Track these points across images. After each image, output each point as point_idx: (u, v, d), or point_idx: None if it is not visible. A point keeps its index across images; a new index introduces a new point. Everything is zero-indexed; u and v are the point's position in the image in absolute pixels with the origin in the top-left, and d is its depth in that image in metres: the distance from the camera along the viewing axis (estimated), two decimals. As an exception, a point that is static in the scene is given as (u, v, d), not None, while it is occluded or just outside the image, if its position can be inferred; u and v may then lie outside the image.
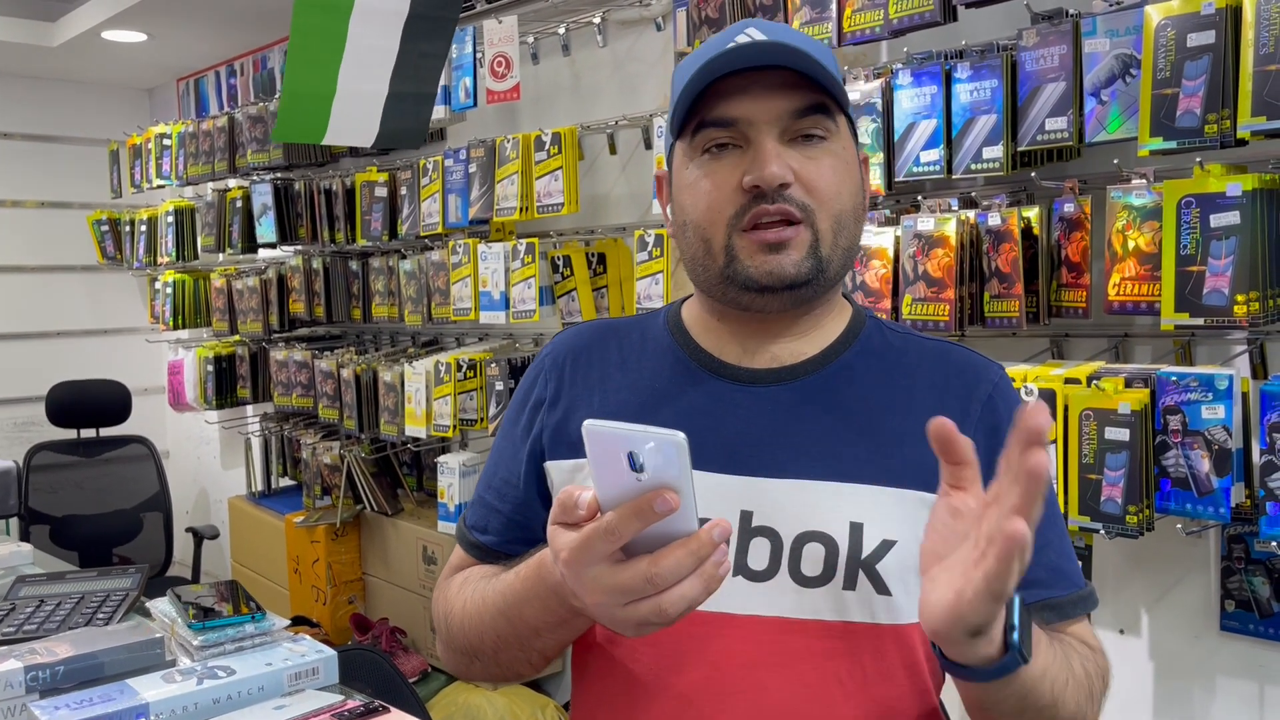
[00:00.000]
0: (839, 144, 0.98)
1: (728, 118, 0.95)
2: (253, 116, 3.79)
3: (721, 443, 0.98)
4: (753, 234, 0.95)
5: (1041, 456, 0.66)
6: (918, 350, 1.05)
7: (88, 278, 5.11)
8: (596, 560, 0.75)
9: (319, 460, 3.67)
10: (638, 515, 0.72)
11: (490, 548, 1.10)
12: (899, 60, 2.03)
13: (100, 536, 4.17)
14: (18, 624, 1.40)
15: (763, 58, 0.93)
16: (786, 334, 1.02)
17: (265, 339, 4.02)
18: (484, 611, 0.99)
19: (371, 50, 2.15)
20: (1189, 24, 1.58)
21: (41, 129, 4.98)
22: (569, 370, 1.09)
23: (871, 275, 2.01)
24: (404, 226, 3.23)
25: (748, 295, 0.97)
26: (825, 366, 1.01)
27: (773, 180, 0.92)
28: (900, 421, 0.98)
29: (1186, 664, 1.88)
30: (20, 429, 4.81)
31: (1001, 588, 0.69)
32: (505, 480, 1.10)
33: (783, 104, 0.94)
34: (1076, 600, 0.99)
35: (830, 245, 0.96)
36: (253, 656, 1.21)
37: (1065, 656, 0.90)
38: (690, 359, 1.04)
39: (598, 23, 2.80)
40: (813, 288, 0.97)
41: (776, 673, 0.93)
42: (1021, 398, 1.05)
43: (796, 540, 0.95)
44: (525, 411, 1.10)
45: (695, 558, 0.73)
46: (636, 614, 0.75)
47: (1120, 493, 1.66)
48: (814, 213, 0.95)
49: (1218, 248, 1.58)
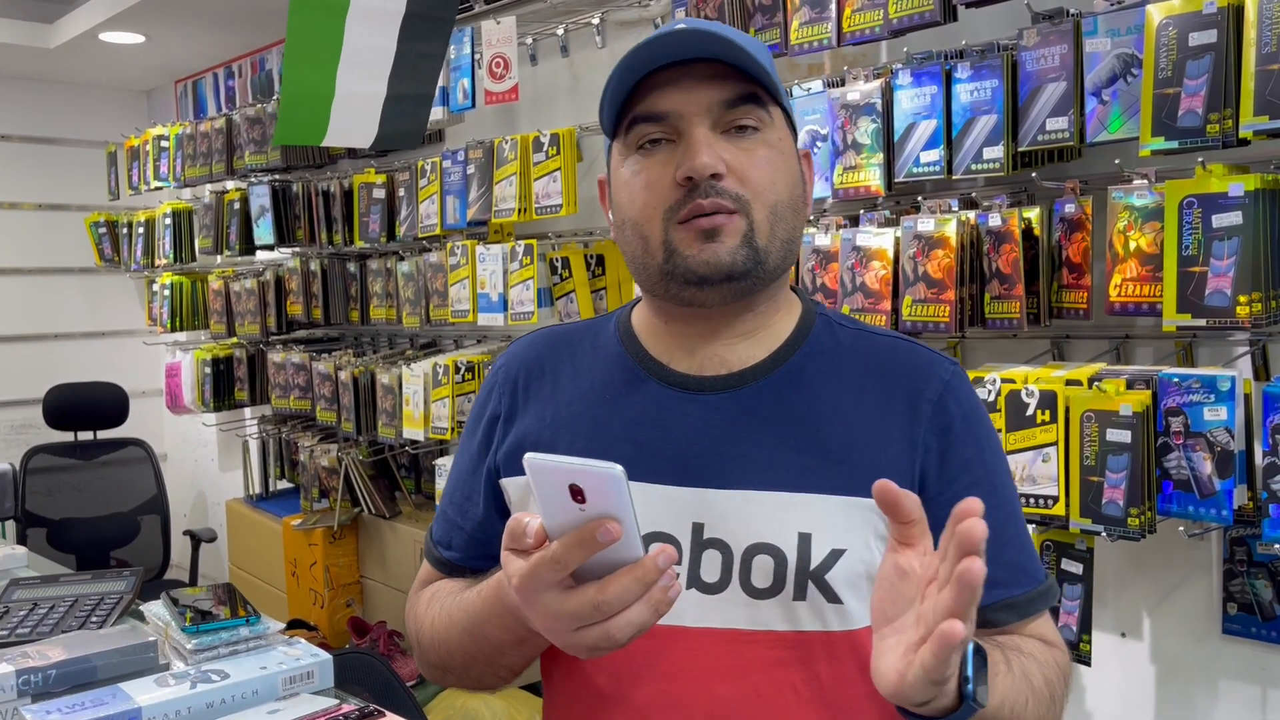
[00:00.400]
0: (774, 134, 0.97)
1: (658, 112, 0.94)
2: (251, 118, 3.78)
3: (672, 453, 0.98)
4: (688, 224, 0.94)
5: (976, 565, 0.68)
6: (868, 348, 1.04)
7: (85, 280, 5.10)
8: (546, 587, 0.77)
9: (317, 463, 3.66)
10: (581, 545, 0.74)
11: (454, 563, 1.11)
12: (899, 60, 2.03)
13: (98, 539, 4.15)
14: (10, 627, 1.39)
15: (688, 49, 0.93)
16: (733, 335, 1.01)
17: (263, 341, 4.01)
18: (451, 629, 1.01)
19: (369, 50, 2.14)
20: (1191, 23, 1.57)
21: (39, 131, 4.97)
22: (521, 383, 1.08)
23: (871, 276, 2.00)
24: (402, 228, 3.22)
25: (689, 289, 0.96)
26: (774, 372, 1.00)
27: (703, 170, 0.92)
28: (848, 427, 0.98)
29: (1188, 667, 1.87)
30: (17, 431, 4.80)
31: (940, 676, 0.71)
32: (465, 496, 1.10)
33: (712, 95, 0.94)
34: (1035, 597, 0.99)
35: (767, 236, 0.95)
36: (247, 660, 1.20)
37: (1025, 674, 0.90)
38: (640, 367, 1.03)
39: (596, 24, 2.79)
40: (751, 279, 0.96)
41: (731, 683, 0.94)
42: (976, 394, 1.04)
43: (746, 552, 0.94)
44: (481, 427, 1.10)
45: (641, 584, 0.75)
46: (586, 639, 0.77)
47: (1122, 495, 1.65)
48: (748, 203, 0.94)
49: (1220, 248, 1.57)
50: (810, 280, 2.11)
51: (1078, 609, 1.83)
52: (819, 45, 2.06)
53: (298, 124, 2.16)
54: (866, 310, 2.00)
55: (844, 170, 2.05)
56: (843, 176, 2.05)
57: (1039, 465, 1.75)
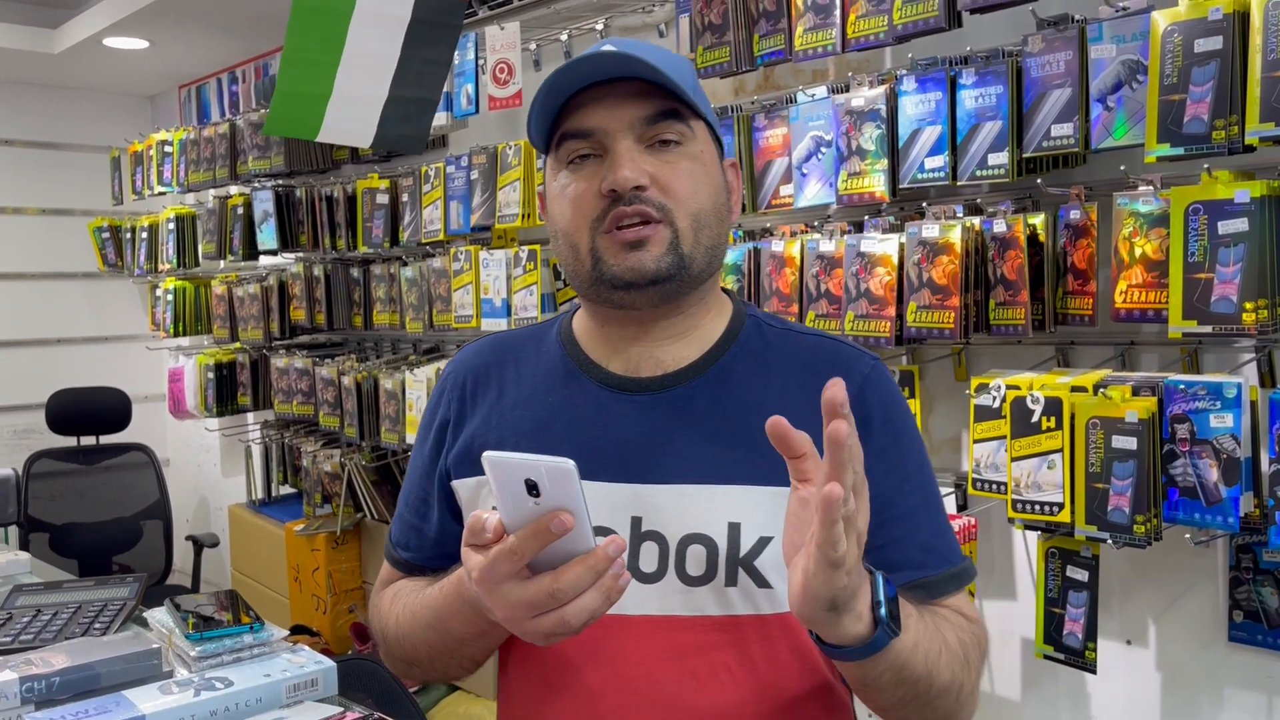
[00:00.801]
0: (695, 147, 1.03)
1: (584, 128, 1.01)
2: (254, 123, 3.79)
3: (610, 451, 1.03)
4: (614, 234, 1.00)
5: (839, 425, 0.73)
6: (793, 347, 1.09)
7: (89, 285, 5.10)
8: (504, 578, 0.82)
9: (319, 468, 3.65)
10: (536, 536, 0.80)
11: (413, 563, 1.18)
12: (903, 66, 2.02)
13: (100, 545, 4.15)
14: (14, 634, 1.39)
15: (610, 70, 0.99)
16: (664, 336, 1.07)
17: (266, 346, 4.01)
18: (415, 625, 1.08)
19: (372, 55, 2.14)
20: (1196, 30, 1.57)
21: (43, 136, 4.98)
22: (469, 389, 1.14)
23: (876, 282, 1.99)
24: (406, 233, 3.21)
25: (617, 294, 1.02)
26: (705, 371, 1.06)
27: (625, 183, 0.98)
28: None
29: (1194, 675, 1.87)
30: (20, 436, 4.80)
31: (835, 554, 0.75)
32: (421, 499, 1.17)
33: (634, 111, 1.00)
34: (949, 578, 1.04)
35: (691, 243, 1.01)
36: (251, 667, 1.19)
37: (937, 628, 0.95)
38: (580, 370, 1.10)
39: (600, 29, 2.79)
40: (676, 283, 1.02)
41: (669, 667, 1.00)
42: (896, 387, 1.10)
43: (681, 542, 1.00)
44: (432, 432, 1.16)
45: (593, 572, 0.81)
46: (543, 626, 0.83)
47: (1128, 502, 1.65)
48: (672, 212, 1.00)
49: (1226, 255, 1.57)
50: (815, 286, 2.11)
51: (1083, 616, 1.82)
52: (824, 51, 2.06)
53: (290, 118, 2.16)
54: (871, 316, 2.00)
55: (848, 176, 2.05)
56: (847, 182, 2.05)
57: (1044, 472, 1.75)
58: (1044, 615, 1.88)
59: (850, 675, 0.90)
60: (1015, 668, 2.12)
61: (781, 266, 2.18)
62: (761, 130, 2.24)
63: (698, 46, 2.29)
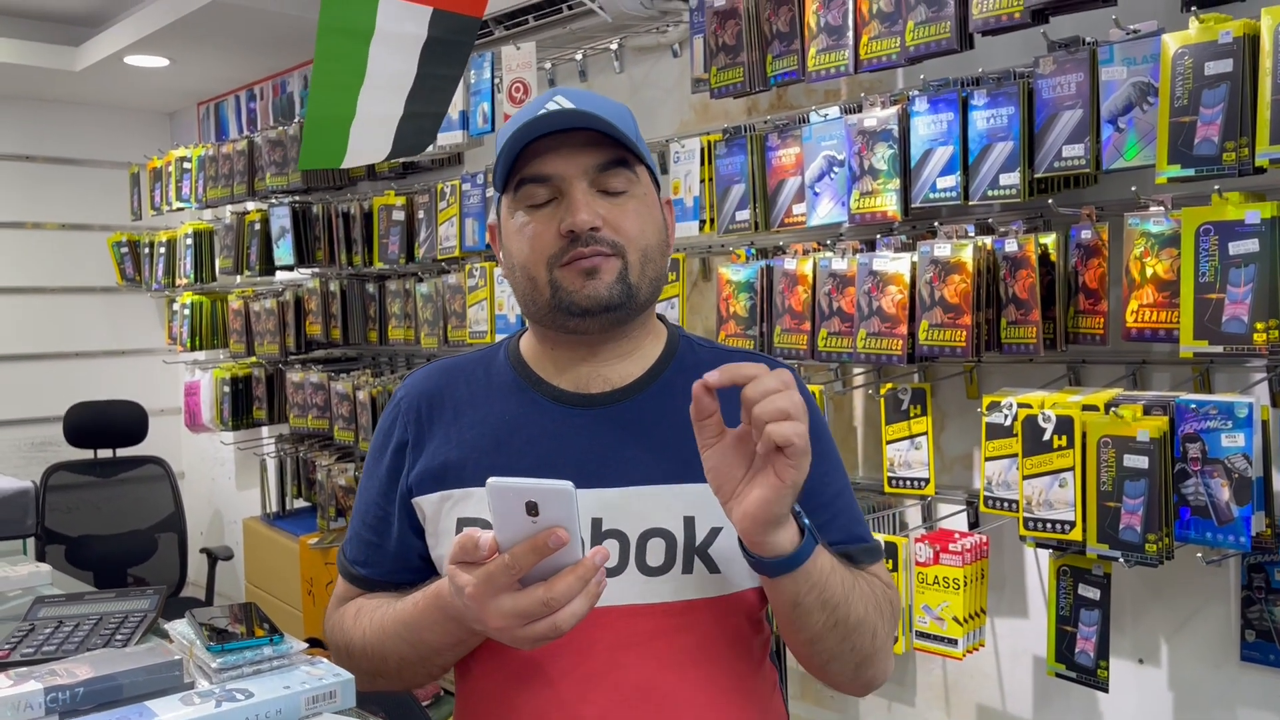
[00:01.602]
0: (640, 190, 1.15)
1: (543, 174, 1.12)
2: (272, 140, 3.83)
3: (570, 461, 1.13)
4: (571, 265, 1.11)
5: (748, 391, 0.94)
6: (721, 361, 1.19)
7: (107, 299, 5.15)
8: (498, 591, 0.92)
9: (334, 482, 3.68)
10: (534, 551, 0.89)
11: (371, 578, 1.25)
12: (915, 87, 2.04)
13: (115, 557, 4.18)
14: (37, 644, 1.41)
15: (567, 121, 1.10)
16: (610, 356, 1.18)
17: (282, 361, 4.04)
18: (384, 638, 1.16)
19: (390, 74, 2.17)
20: (1206, 52, 1.58)
21: (63, 152, 5.04)
22: (424, 413, 1.23)
23: (888, 300, 2.01)
24: (421, 250, 3.24)
25: (573, 319, 1.13)
26: (650, 386, 1.18)
27: (583, 225, 1.09)
28: None
29: (1206, 694, 1.87)
30: (38, 449, 4.84)
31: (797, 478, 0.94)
32: (379, 518, 1.24)
33: (588, 160, 1.11)
34: (866, 550, 1.19)
35: (639, 274, 1.13)
36: (271, 679, 1.20)
37: (849, 570, 1.10)
38: (533, 390, 1.20)
39: (614, 49, 2.82)
40: (626, 310, 1.13)
41: (633, 652, 1.09)
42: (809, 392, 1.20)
43: (641, 537, 1.11)
44: (388, 455, 1.24)
45: (582, 580, 0.91)
46: (534, 632, 0.92)
47: (1139, 521, 1.65)
48: (623, 248, 1.12)
49: (1236, 275, 1.58)
50: (827, 304, 2.12)
51: (1095, 635, 1.83)
52: (836, 72, 2.08)
53: (320, 148, 2.19)
54: (883, 334, 2.01)
55: (860, 195, 2.06)
56: (859, 202, 2.07)
57: (1056, 490, 1.75)
58: (1056, 633, 1.89)
59: (783, 597, 1.03)
60: (1027, 686, 2.12)
61: (794, 284, 2.19)
62: (774, 150, 2.26)
63: (711, 67, 2.31)
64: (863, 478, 2.38)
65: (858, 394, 2.38)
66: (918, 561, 1.99)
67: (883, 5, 2.00)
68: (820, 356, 2.15)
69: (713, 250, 2.62)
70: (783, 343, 2.22)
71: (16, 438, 4.87)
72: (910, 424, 2.13)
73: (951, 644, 1.95)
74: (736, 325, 2.31)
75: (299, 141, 3.62)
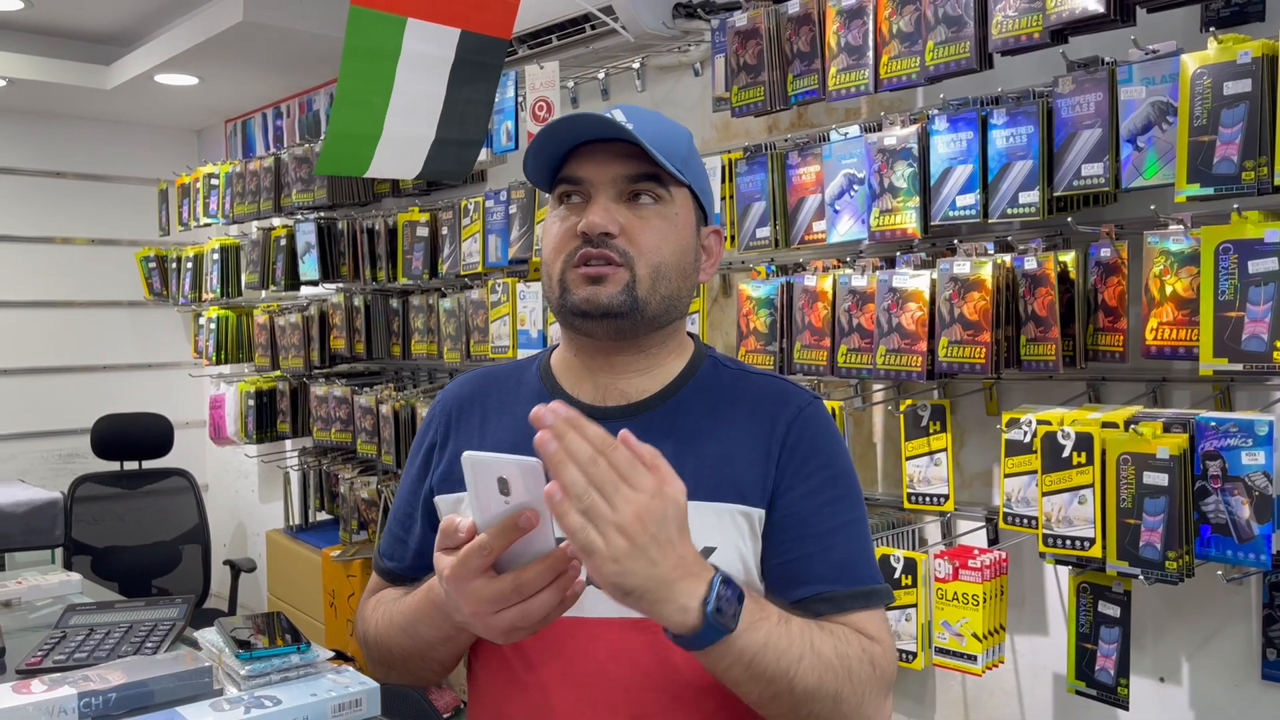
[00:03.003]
0: (671, 209, 1.17)
1: (575, 176, 1.16)
2: (298, 157, 3.88)
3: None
4: (580, 268, 1.14)
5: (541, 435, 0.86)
6: (744, 385, 1.24)
7: (134, 313, 5.22)
8: (473, 575, 0.93)
9: (356, 495, 3.71)
10: (505, 532, 0.91)
11: (397, 573, 1.29)
12: (935, 106, 2.06)
13: (140, 568, 4.23)
14: (68, 651, 1.44)
15: (600, 132, 1.13)
16: (629, 371, 1.21)
17: (306, 374, 4.08)
18: (391, 630, 1.20)
19: (419, 97, 2.20)
20: (1225, 72, 1.60)
21: (93, 168, 5.12)
22: (455, 416, 1.28)
23: (908, 317, 2.02)
24: (444, 265, 3.28)
25: (577, 320, 1.16)
26: (665, 403, 1.20)
27: (594, 228, 1.12)
28: (722, 446, 1.17)
29: (1227, 713, 1.86)
30: (65, 460, 4.90)
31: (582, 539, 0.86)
32: (408, 515, 1.29)
33: (620, 169, 1.15)
34: (857, 595, 1.13)
35: (648, 290, 1.15)
36: (298, 687, 1.23)
37: (807, 636, 1.03)
38: (552, 397, 1.23)
39: (637, 68, 2.86)
40: (630, 320, 1.15)
41: (622, 663, 1.11)
42: (831, 423, 1.22)
43: None
44: (420, 454, 1.30)
45: (552, 570, 0.92)
46: (504, 620, 0.94)
47: (1159, 538, 1.66)
48: (634, 259, 1.14)
49: (1256, 293, 1.59)
50: (847, 321, 2.14)
51: (1115, 652, 1.83)
52: (856, 91, 2.10)
53: (341, 158, 2.22)
54: (903, 351, 2.03)
55: (880, 213, 2.08)
56: (879, 219, 2.08)
57: (1075, 507, 1.76)
58: (1076, 650, 1.88)
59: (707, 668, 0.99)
60: (1047, 703, 2.12)
61: (814, 301, 2.21)
62: (795, 168, 2.28)
63: (733, 86, 2.34)
64: (882, 494, 2.39)
65: (877, 410, 2.39)
66: (937, 577, 1.99)
67: (903, 25, 2.02)
68: (840, 372, 2.16)
69: (733, 267, 2.64)
70: (802, 359, 2.23)
71: (45, 449, 4.94)
72: (930, 440, 2.14)
73: (971, 660, 1.95)
74: (756, 341, 2.33)
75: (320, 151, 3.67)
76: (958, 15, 1.91)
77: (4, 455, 4.81)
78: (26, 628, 1.66)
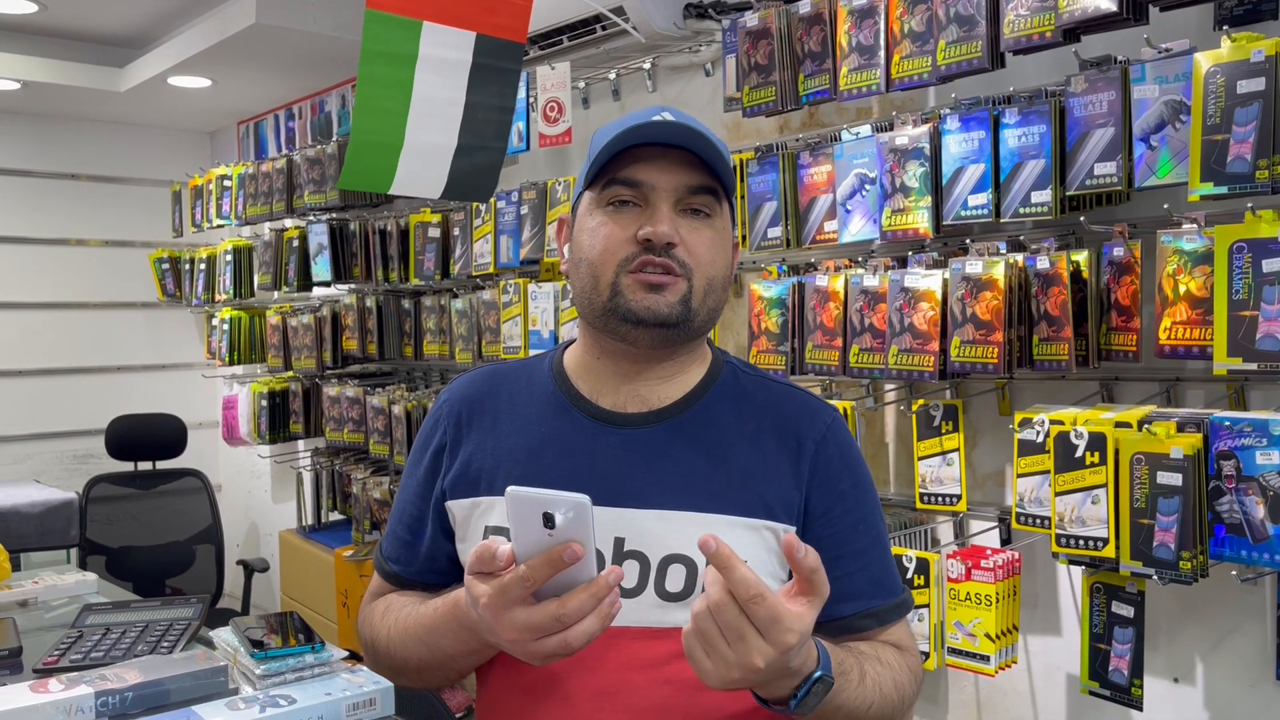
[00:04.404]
0: (720, 223, 1.17)
1: (635, 179, 1.13)
2: (310, 158, 3.90)
3: (598, 479, 1.14)
4: (638, 275, 1.12)
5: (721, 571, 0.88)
6: (766, 393, 1.23)
7: (148, 314, 5.25)
8: (512, 603, 0.92)
9: (369, 495, 3.72)
10: (549, 564, 0.89)
11: (404, 577, 1.27)
12: (947, 105, 2.06)
13: (154, 568, 4.25)
14: (85, 651, 1.45)
15: (675, 137, 1.12)
16: (654, 377, 1.19)
17: (318, 375, 4.10)
18: (406, 639, 1.17)
19: (439, 103, 2.18)
20: (1238, 71, 1.59)
21: (107, 170, 5.15)
22: (465, 417, 1.25)
23: (920, 317, 2.02)
24: (456, 266, 3.29)
25: (625, 326, 1.13)
26: (687, 410, 1.19)
27: (663, 238, 1.11)
28: (748, 459, 1.16)
29: (1242, 714, 1.85)
30: (80, 461, 4.93)
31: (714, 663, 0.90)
32: (414, 518, 1.26)
33: (682, 178, 1.13)
34: (893, 608, 1.18)
35: (700, 301, 1.14)
36: (312, 686, 1.24)
37: (876, 684, 1.07)
38: (570, 404, 1.20)
39: (648, 68, 2.86)
40: (680, 330, 1.14)
41: (646, 674, 1.10)
42: (852, 438, 1.24)
43: (662, 562, 1.11)
44: (427, 456, 1.26)
45: (595, 599, 0.91)
46: (545, 648, 0.92)
47: (1173, 538, 1.65)
48: (692, 271, 1.13)
49: (1270, 293, 1.58)
50: (859, 320, 2.14)
51: (1129, 653, 1.82)
52: (868, 91, 2.10)
53: (364, 171, 2.19)
54: (915, 350, 2.02)
55: (892, 213, 2.08)
56: (891, 219, 2.08)
57: (1088, 507, 1.75)
58: (1089, 651, 1.88)
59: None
60: (1060, 703, 2.11)
61: (825, 300, 2.21)
62: (806, 167, 2.28)
63: (744, 86, 2.34)
64: (894, 494, 2.38)
65: (889, 410, 2.39)
66: (949, 578, 1.99)
67: (914, 25, 2.01)
68: (852, 372, 2.16)
69: (744, 267, 2.64)
70: (814, 359, 2.23)
71: (59, 450, 4.97)
72: (942, 440, 2.13)
73: (984, 660, 1.95)
74: (768, 341, 2.33)
75: (337, 160, 3.68)
76: (969, 14, 1.91)
77: (19, 456, 4.85)
78: (43, 627, 1.68)
